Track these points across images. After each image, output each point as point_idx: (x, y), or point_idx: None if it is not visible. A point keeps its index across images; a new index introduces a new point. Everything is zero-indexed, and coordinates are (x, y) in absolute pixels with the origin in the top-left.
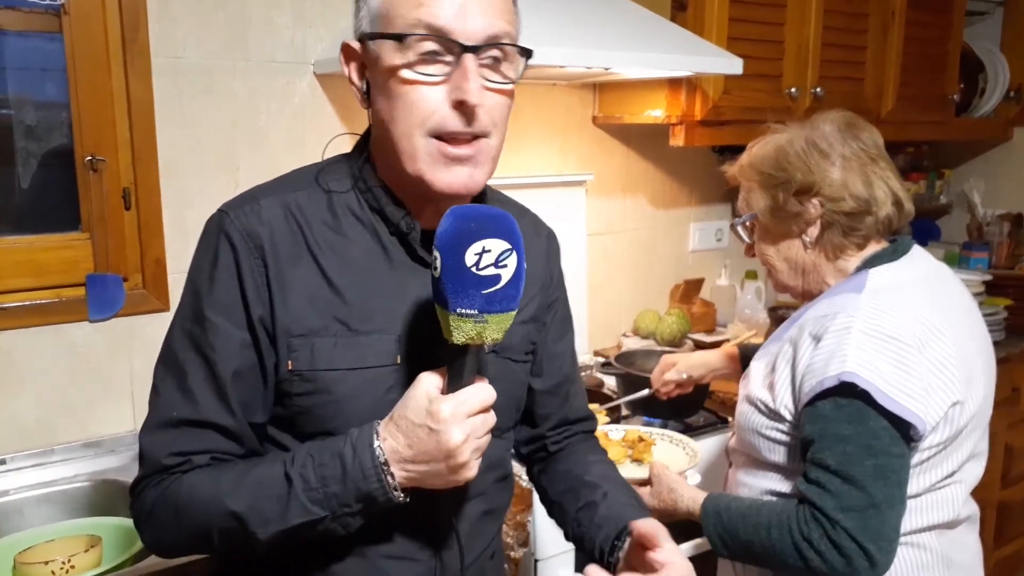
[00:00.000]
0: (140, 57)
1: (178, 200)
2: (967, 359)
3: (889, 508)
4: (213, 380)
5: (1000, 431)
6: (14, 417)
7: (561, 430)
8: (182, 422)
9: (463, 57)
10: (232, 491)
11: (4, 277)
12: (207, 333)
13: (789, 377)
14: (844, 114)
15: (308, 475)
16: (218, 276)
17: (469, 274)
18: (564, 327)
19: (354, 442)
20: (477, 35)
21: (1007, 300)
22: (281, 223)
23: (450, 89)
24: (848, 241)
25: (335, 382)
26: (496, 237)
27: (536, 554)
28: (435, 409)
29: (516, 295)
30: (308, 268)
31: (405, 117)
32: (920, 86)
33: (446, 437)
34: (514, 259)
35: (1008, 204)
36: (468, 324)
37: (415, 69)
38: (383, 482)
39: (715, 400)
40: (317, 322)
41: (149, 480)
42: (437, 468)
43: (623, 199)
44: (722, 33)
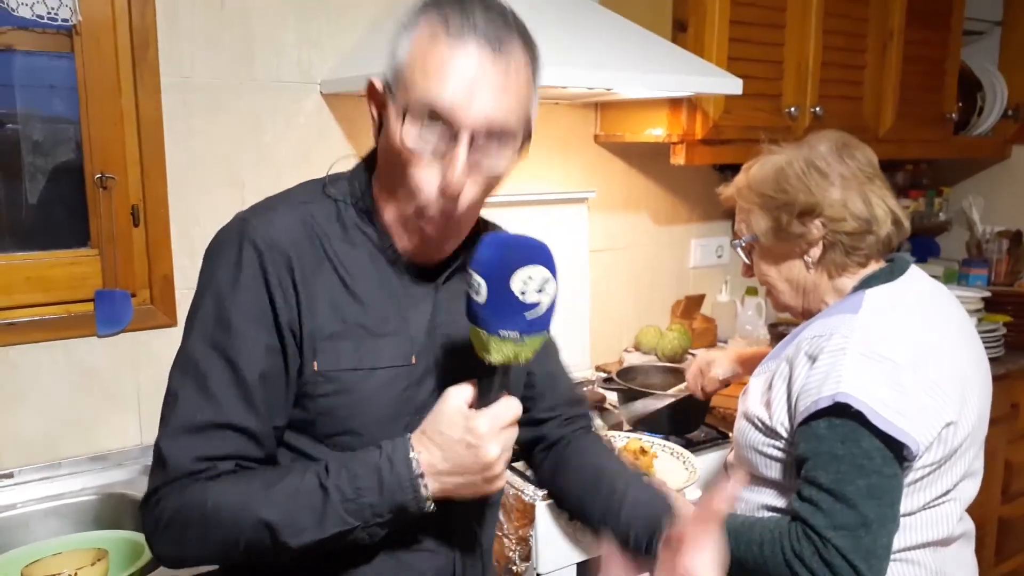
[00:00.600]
0: (150, 76)
1: (186, 217)
2: (962, 379)
3: (880, 527)
4: (237, 383)
5: (1000, 447)
6: (22, 431)
7: (556, 412)
8: (206, 426)
9: (458, 144)
10: (263, 500)
11: (14, 292)
12: (232, 338)
13: (785, 395)
14: (838, 134)
15: (343, 486)
16: (243, 282)
17: (514, 300)
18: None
19: (390, 455)
20: (478, 123)
21: (1006, 317)
22: (300, 232)
23: (439, 170)
24: (850, 260)
25: (356, 382)
26: (539, 264)
27: (538, 568)
28: (473, 425)
29: (551, 318)
30: (329, 275)
31: (400, 180)
32: (919, 104)
33: (484, 451)
34: (553, 285)
35: (1007, 221)
36: (508, 345)
37: (418, 142)
38: (418, 493)
39: (716, 415)
40: (340, 326)
41: (170, 488)
42: (472, 479)
43: (625, 216)
44: (722, 53)
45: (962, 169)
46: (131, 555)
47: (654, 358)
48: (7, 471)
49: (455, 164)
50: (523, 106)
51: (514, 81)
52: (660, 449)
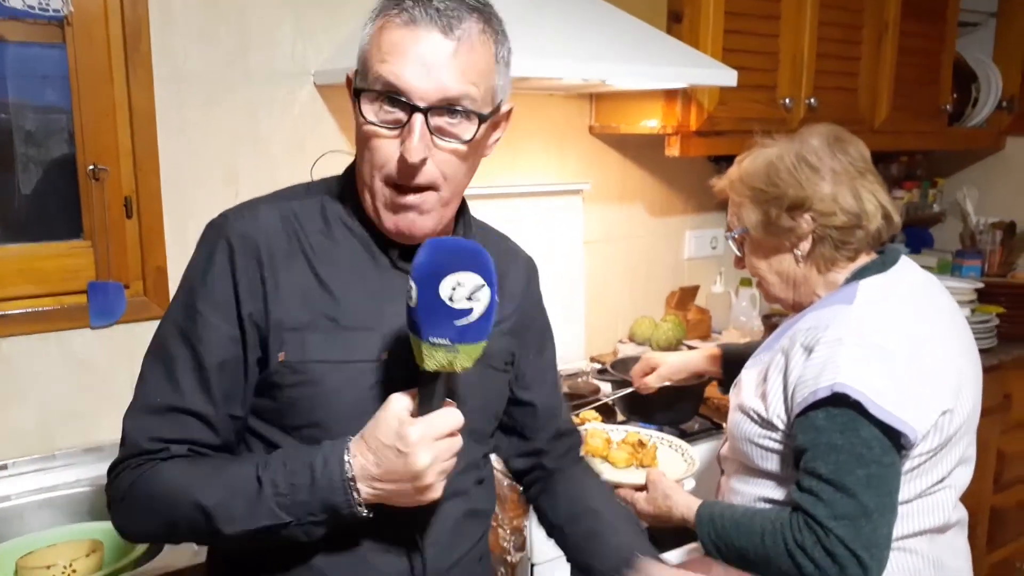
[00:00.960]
0: (142, 68)
1: (179, 209)
2: (956, 368)
3: (880, 516)
4: (199, 370)
5: (992, 437)
6: (15, 423)
7: (556, 443)
8: (166, 408)
9: (412, 117)
10: (204, 485)
11: (6, 284)
12: (197, 326)
13: (781, 387)
14: (831, 128)
15: (278, 480)
16: (213, 273)
17: (443, 306)
18: (543, 343)
19: (326, 455)
20: (431, 96)
21: (999, 308)
22: (278, 227)
23: (400, 144)
24: (839, 254)
25: (323, 374)
26: (471, 271)
27: (533, 558)
28: (404, 432)
29: (487, 327)
30: (301, 268)
31: (368, 160)
32: (913, 96)
33: (413, 460)
34: (487, 293)
35: (1000, 212)
36: (440, 353)
37: (376, 118)
38: (348, 497)
39: (710, 406)
40: (308, 317)
41: (128, 463)
42: (403, 488)
43: (619, 207)
44: (717, 45)
45: (956, 160)
46: (125, 547)
47: (648, 349)
48: (1, 463)
49: (412, 132)
50: (483, 79)
51: (468, 53)
52: (658, 441)
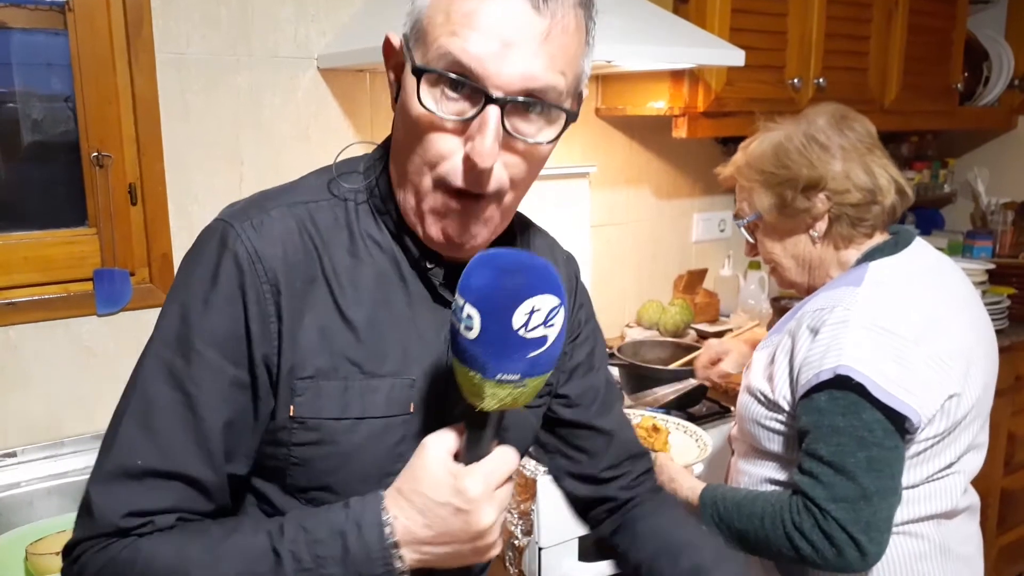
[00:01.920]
0: (144, 53)
1: (183, 195)
2: (966, 351)
3: (881, 499)
4: (193, 423)
5: (1003, 419)
6: (23, 410)
7: (622, 470)
8: (147, 473)
9: (485, 109)
10: (204, 565)
11: (12, 272)
12: (191, 366)
13: (787, 369)
14: (835, 106)
15: (300, 553)
16: (215, 302)
17: (515, 338)
18: (593, 358)
19: (358, 519)
20: (512, 84)
21: (1010, 289)
22: (295, 241)
23: (465, 140)
24: (856, 232)
25: (342, 433)
26: (545, 293)
27: (540, 542)
28: (463, 486)
29: (558, 354)
30: (322, 298)
31: (418, 154)
32: (924, 75)
33: (477, 518)
34: (562, 316)
35: (1012, 193)
36: (506, 390)
37: (436, 105)
38: (390, 566)
39: (717, 390)
40: (327, 362)
41: (94, 543)
42: (459, 550)
43: (626, 190)
44: (724, 24)
45: (967, 140)
46: None
47: (656, 333)
48: (10, 450)
49: (486, 129)
50: (572, 66)
51: (561, 33)
52: (672, 427)
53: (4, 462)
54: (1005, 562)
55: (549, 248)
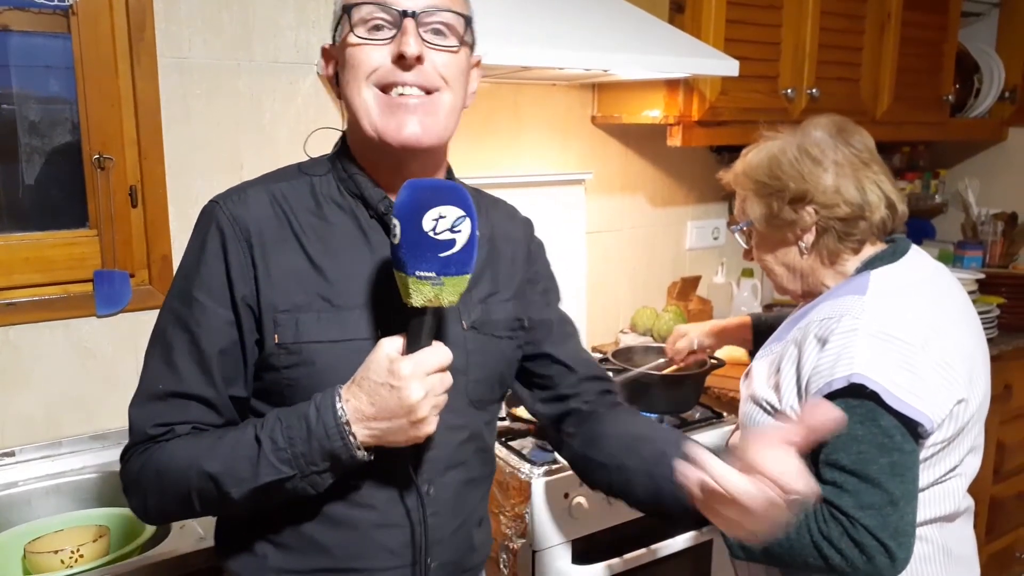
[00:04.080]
0: (147, 57)
1: (184, 198)
2: (969, 356)
3: (906, 504)
4: (197, 355)
5: (992, 428)
6: (23, 410)
7: (583, 386)
8: (167, 394)
9: (403, 21)
10: (208, 454)
11: (13, 273)
12: (193, 311)
13: (794, 378)
14: (835, 119)
15: (276, 436)
16: (206, 259)
17: (426, 238)
18: (548, 296)
19: (318, 404)
20: (417, 2)
21: (1000, 299)
22: (267, 209)
23: (392, 48)
24: (843, 246)
25: (318, 353)
26: (451, 204)
27: (534, 545)
28: (396, 368)
29: (470, 259)
30: (293, 250)
31: (354, 76)
32: (916, 87)
33: (407, 393)
34: (468, 225)
35: (1002, 203)
36: (426, 286)
37: (361, 35)
38: (346, 440)
39: (711, 395)
40: (301, 299)
41: (135, 449)
42: (399, 424)
43: (621, 198)
44: (719, 35)
45: (958, 151)
46: (131, 532)
47: (650, 339)
48: (9, 449)
49: (407, 33)
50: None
51: None
52: None
53: (2, 461)
54: (994, 569)
55: (505, 211)
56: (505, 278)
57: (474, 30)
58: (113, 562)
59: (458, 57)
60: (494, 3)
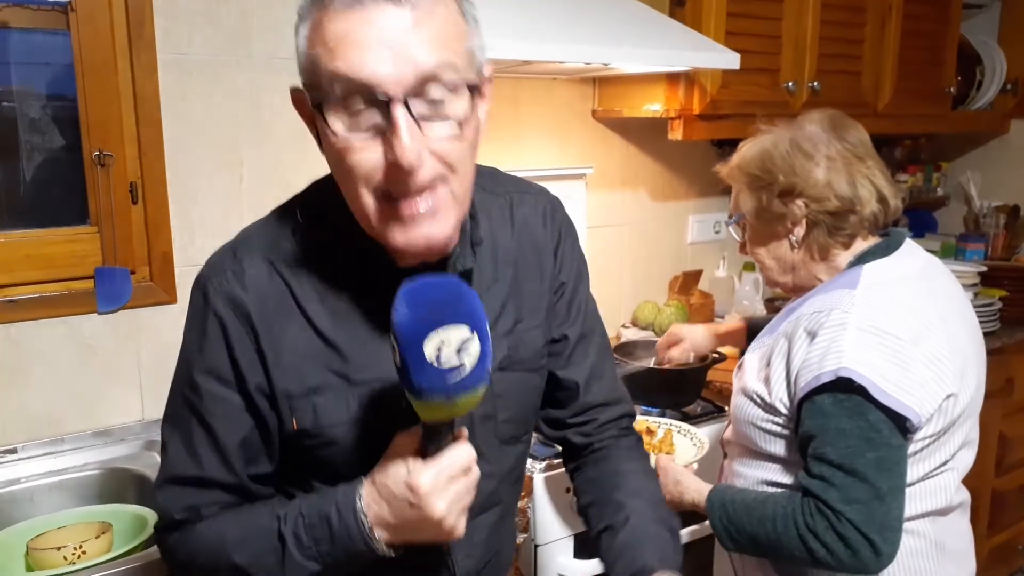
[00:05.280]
0: (146, 54)
1: (184, 194)
2: (960, 351)
3: (893, 499)
4: (215, 444)
5: (994, 421)
6: (25, 407)
7: (584, 416)
8: (189, 480)
9: (392, 111)
10: (235, 544)
11: (14, 270)
12: (204, 401)
13: (784, 372)
14: (829, 113)
15: (300, 534)
16: (208, 346)
17: (430, 368)
18: (571, 307)
19: (339, 507)
20: (407, 79)
21: (1002, 291)
22: (266, 284)
23: (386, 148)
24: (834, 240)
25: (343, 434)
26: (453, 323)
27: (536, 540)
28: (414, 483)
29: (483, 373)
30: (299, 325)
31: (350, 181)
32: (917, 79)
33: (430, 511)
34: (476, 344)
35: (1004, 196)
36: (438, 407)
37: (340, 124)
38: (369, 545)
39: (712, 389)
40: (316, 379)
41: (166, 532)
42: (425, 533)
43: (622, 192)
44: (720, 28)
45: (960, 144)
46: (134, 528)
47: (651, 334)
48: (11, 446)
49: (398, 130)
50: (456, 42)
51: (430, 19)
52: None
53: (5, 458)
54: (996, 562)
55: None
56: (531, 300)
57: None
58: (116, 559)
59: (463, 135)
60: None
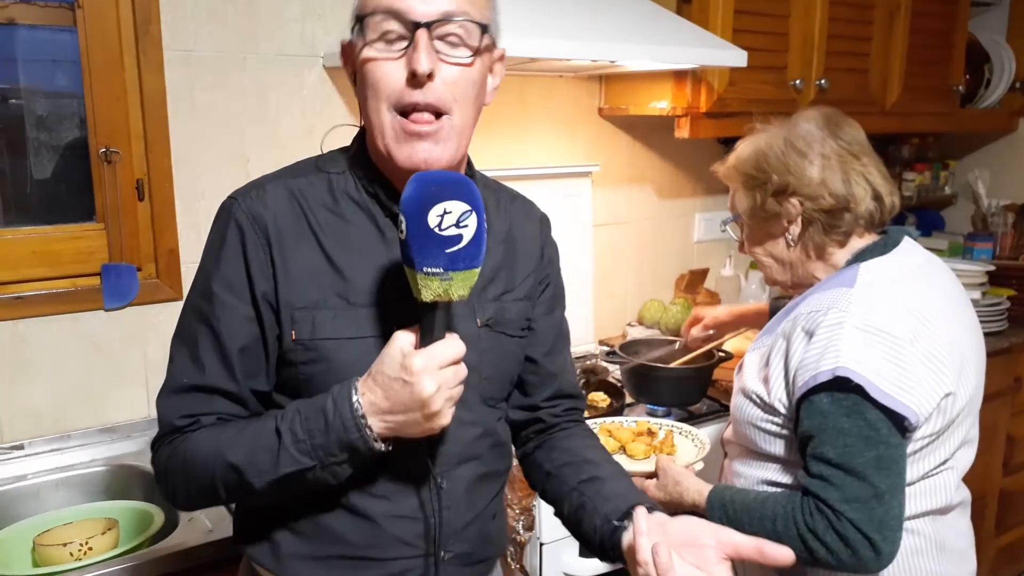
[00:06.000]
0: (152, 51)
1: (190, 191)
2: (958, 349)
3: (892, 498)
4: (220, 350)
5: (1001, 420)
6: (31, 403)
7: (556, 402)
8: (192, 387)
9: (416, 33)
10: (231, 445)
11: (21, 266)
12: (214, 307)
13: (782, 371)
14: (825, 111)
15: (296, 428)
16: (225, 256)
17: (432, 234)
18: (553, 303)
19: (335, 397)
20: (430, 13)
21: (1010, 291)
22: (285, 206)
23: (405, 63)
24: (829, 238)
25: (335, 350)
26: (456, 199)
27: (541, 538)
28: (408, 363)
29: (478, 253)
30: (310, 247)
31: (372, 95)
32: (925, 77)
33: (419, 388)
34: (474, 219)
35: (1012, 195)
36: (434, 282)
37: (376, 48)
38: (363, 432)
39: (718, 388)
40: (318, 296)
41: (163, 440)
42: (413, 417)
43: (629, 190)
44: (727, 25)
45: (968, 142)
46: (140, 524)
47: (657, 332)
48: (18, 443)
49: (419, 45)
50: (481, 6)
51: None
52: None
53: (11, 454)
54: (1004, 563)
55: (522, 207)
56: (519, 277)
57: (494, 32)
58: (122, 555)
59: (470, 71)
60: None
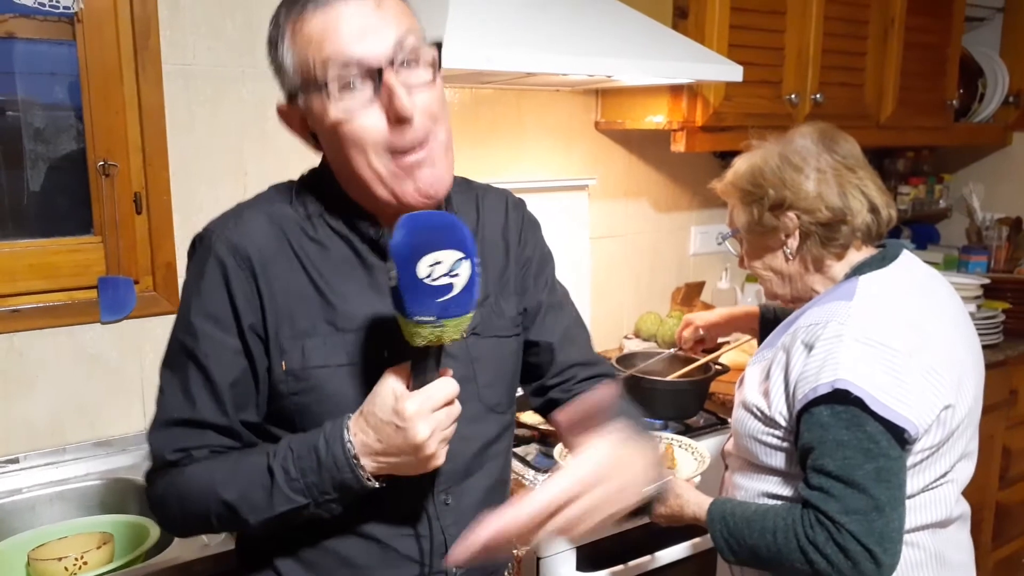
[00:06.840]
0: (151, 64)
1: (188, 204)
2: (957, 362)
3: (892, 510)
4: (209, 385)
5: (998, 433)
6: (27, 417)
7: (563, 375)
8: (182, 422)
9: (383, 76)
10: (224, 483)
11: (18, 279)
12: (200, 344)
13: (783, 384)
14: (820, 126)
15: (288, 467)
16: (208, 291)
17: (423, 285)
18: (539, 279)
19: (327, 436)
20: (385, 49)
21: (1005, 303)
22: (267, 232)
23: (384, 108)
24: (827, 251)
25: (326, 379)
26: (447, 248)
27: (538, 552)
28: (400, 407)
29: (470, 300)
30: (295, 272)
31: (356, 150)
32: (920, 92)
33: (412, 433)
34: (467, 267)
35: (1007, 208)
36: (426, 329)
37: (342, 107)
38: (356, 473)
39: (715, 401)
40: (306, 324)
41: (157, 474)
42: (407, 460)
43: (625, 203)
44: (723, 40)
45: (963, 156)
46: (136, 539)
47: (654, 345)
48: (13, 456)
49: (394, 90)
50: (410, 18)
51: (392, 6)
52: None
53: (7, 468)
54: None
55: (496, 199)
56: (498, 275)
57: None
58: (117, 569)
59: (436, 88)
60: (497, 10)
